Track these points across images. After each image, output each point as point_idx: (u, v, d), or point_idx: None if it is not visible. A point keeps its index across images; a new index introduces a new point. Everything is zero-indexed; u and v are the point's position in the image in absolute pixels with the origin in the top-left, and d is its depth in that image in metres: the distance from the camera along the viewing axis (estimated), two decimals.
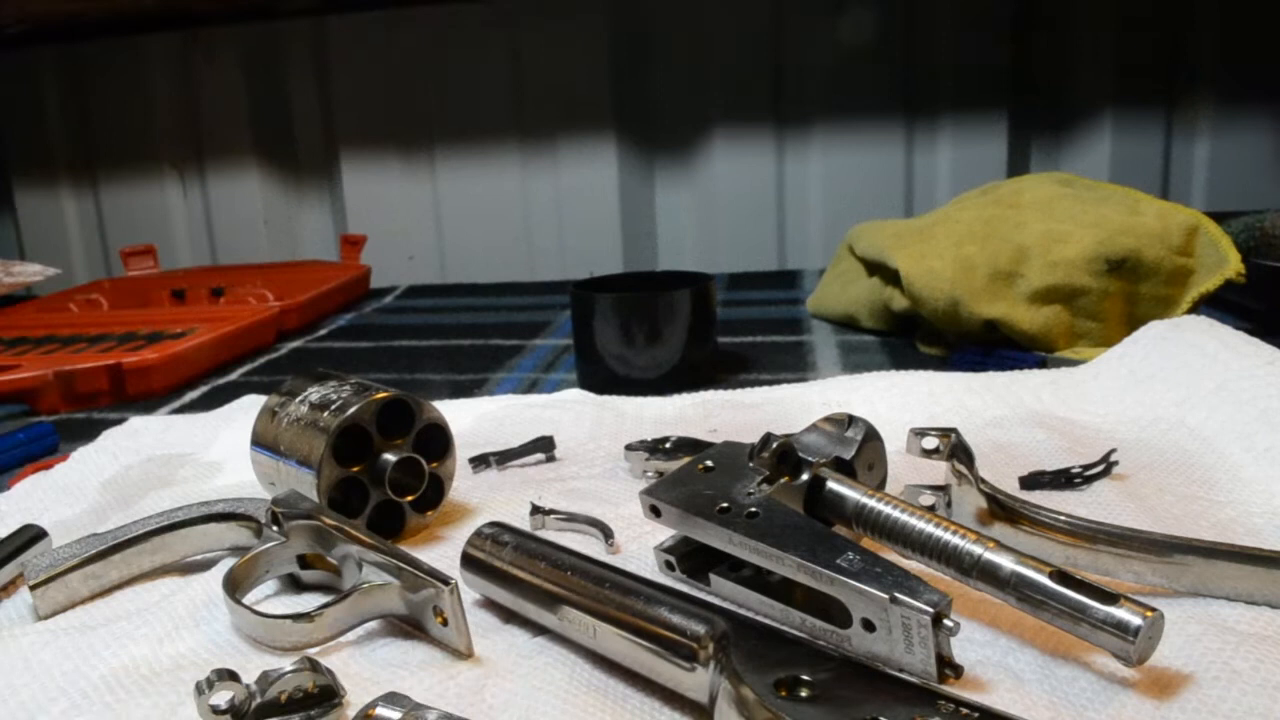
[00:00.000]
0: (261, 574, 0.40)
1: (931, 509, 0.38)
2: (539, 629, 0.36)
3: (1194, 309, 0.71)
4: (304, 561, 0.41)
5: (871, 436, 0.41)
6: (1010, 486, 0.46)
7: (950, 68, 1.20)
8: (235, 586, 0.38)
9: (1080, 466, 0.46)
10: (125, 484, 0.53)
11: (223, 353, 0.86)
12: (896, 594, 0.31)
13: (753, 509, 0.36)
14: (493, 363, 0.82)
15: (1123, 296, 0.71)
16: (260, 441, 0.46)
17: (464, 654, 0.34)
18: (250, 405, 0.65)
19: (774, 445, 0.39)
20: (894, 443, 0.43)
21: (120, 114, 1.38)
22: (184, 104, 1.37)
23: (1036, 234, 0.73)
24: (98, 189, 1.41)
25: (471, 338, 0.93)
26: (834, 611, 0.33)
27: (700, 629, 0.30)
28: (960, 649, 0.32)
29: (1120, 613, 0.30)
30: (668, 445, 0.50)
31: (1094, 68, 1.19)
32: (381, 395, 0.44)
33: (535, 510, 0.45)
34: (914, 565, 0.35)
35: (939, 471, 0.42)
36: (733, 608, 0.36)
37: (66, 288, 1.21)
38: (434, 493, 0.46)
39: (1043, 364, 0.68)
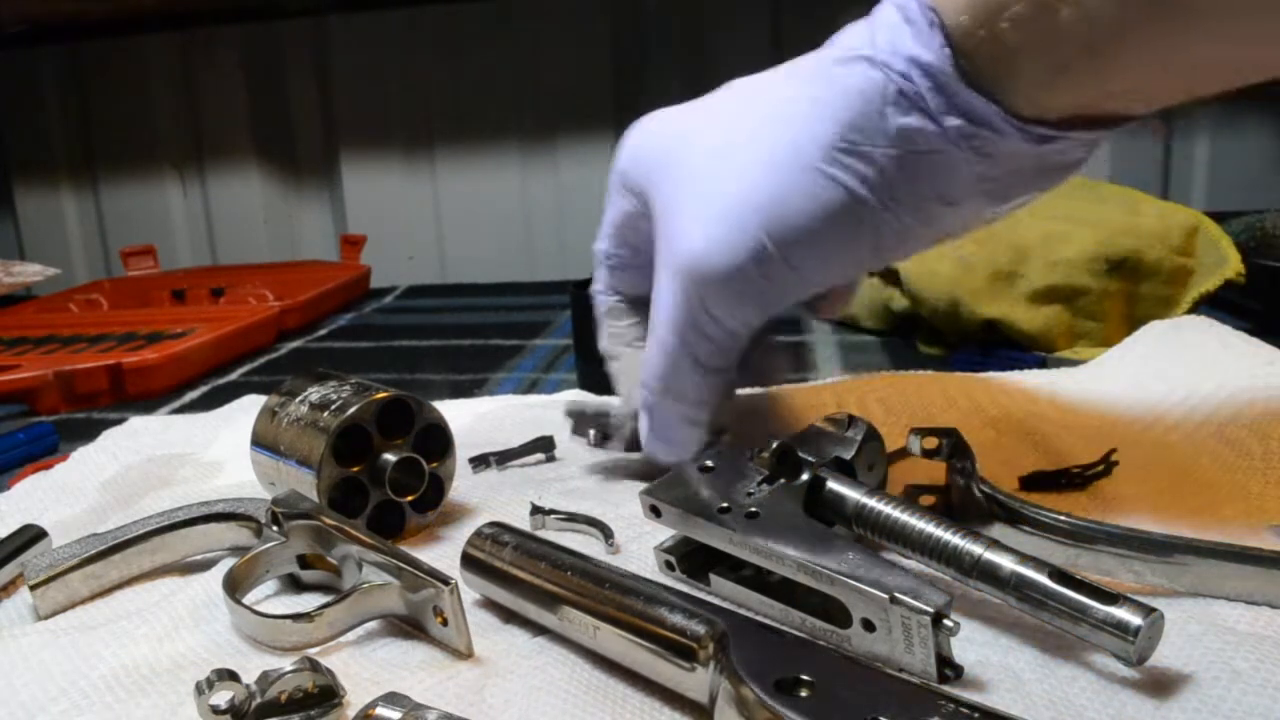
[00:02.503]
0: (261, 574, 0.40)
1: (931, 509, 0.38)
2: (539, 629, 0.36)
3: (1194, 309, 0.71)
4: (304, 561, 0.41)
5: (871, 436, 0.41)
6: (1010, 486, 0.46)
7: None
8: (235, 586, 0.38)
9: (1080, 466, 0.46)
10: (125, 484, 0.53)
11: (223, 353, 0.86)
12: (896, 594, 0.31)
13: (753, 509, 0.36)
14: (493, 363, 0.82)
15: (1123, 296, 0.71)
16: (260, 441, 0.46)
17: (464, 654, 0.34)
18: (250, 405, 0.65)
19: (774, 445, 0.39)
20: (894, 443, 0.43)
21: (120, 114, 1.38)
22: (184, 104, 1.37)
23: (1036, 234, 0.73)
24: (98, 189, 1.42)
25: (471, 338, 0.93)
26: (834, 611, 0.33)
27: (700, 629, 0.30)
28: (960, 649, 0.32)
29: (1120, 613, 0.30)
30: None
31: None
32: (381, 395, 0.44)
33: (535, 510, 0.45)
34: (914, 565, 0.35)
35: (939, 471, 0.42)
36: (733, 608, 0.36)
37: (66, 288, 1.21)
38: (434, 493, 0.46)
39: (1043, 364, 0.68)
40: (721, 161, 0.41)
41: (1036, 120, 0.35)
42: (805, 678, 0.28)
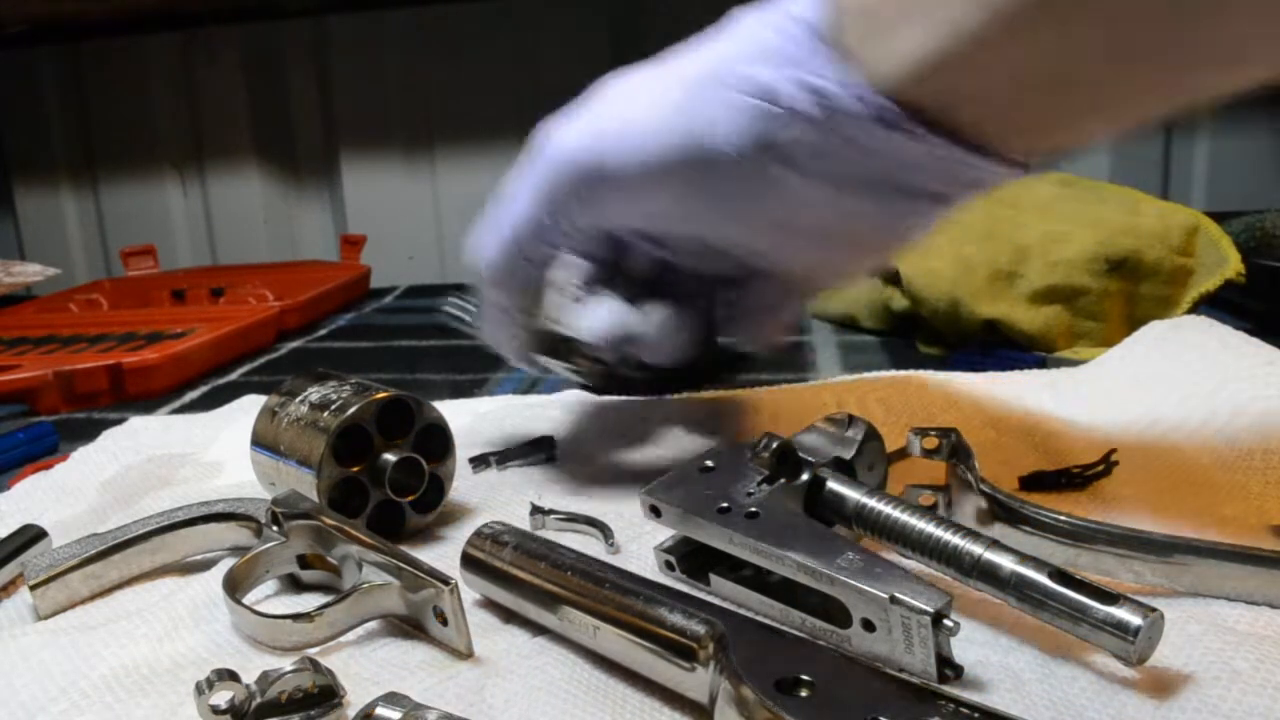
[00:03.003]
0: (261, 574, 0.40)
1: (931, 509, 0.38)
2: (539, 629, 0.36)
3: (1194, 309, 0.71)
4: (304, 561, 0.41)
5: (871, 436, 0.41)
6: (1010, 486, 0.46)
7: None
8: (235, 586, 0.38)
9: (1080, 466, 0.46)
10: (125, 484, 0.53)
11: (223, 353, 0.86)
12: (896, 594, 0.31)
13: (753, 509, 0.36)
14: (493, 363, 0.82)
15: (1123, 296, 0.71)
16: (260, 441, 0.46)
17: (464, 654, 0.35)
18: (250, 405, 0.65)
19: (774, 445, 0.39)
20: (894, 443, 0.43)
21: (120, 114, 1.38)
22: (184, 104, 1.37)
23: (1036, 234, 0.73)
24: (98, 189, 1.42)
25: (471, 338, 0.93)
26: (834, 611, 0.33)
27: (700, 629, 0.30)
28: (960, 649, 0.32)
29: (1120, 613, 0.30)
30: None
31: None
32: (381, 395, 0.44)
33: (535, 510, 0.45)
34: (914, 565, 0.35)
35: (939, 471, 0.42)
36: (733, 608, 0.36)
37: (66, 288, 1.21)
38: (434, 493, 0.46)
39: (1043, 364, 0.68)
40: (626, 83, 0.44)
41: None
42: (805, 678, 0.28)
